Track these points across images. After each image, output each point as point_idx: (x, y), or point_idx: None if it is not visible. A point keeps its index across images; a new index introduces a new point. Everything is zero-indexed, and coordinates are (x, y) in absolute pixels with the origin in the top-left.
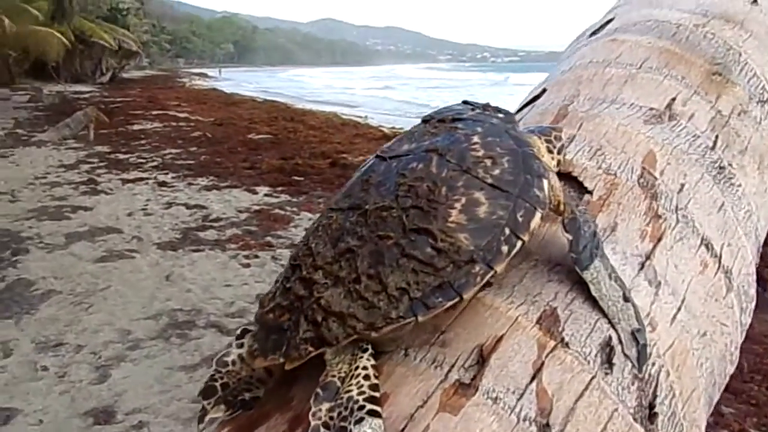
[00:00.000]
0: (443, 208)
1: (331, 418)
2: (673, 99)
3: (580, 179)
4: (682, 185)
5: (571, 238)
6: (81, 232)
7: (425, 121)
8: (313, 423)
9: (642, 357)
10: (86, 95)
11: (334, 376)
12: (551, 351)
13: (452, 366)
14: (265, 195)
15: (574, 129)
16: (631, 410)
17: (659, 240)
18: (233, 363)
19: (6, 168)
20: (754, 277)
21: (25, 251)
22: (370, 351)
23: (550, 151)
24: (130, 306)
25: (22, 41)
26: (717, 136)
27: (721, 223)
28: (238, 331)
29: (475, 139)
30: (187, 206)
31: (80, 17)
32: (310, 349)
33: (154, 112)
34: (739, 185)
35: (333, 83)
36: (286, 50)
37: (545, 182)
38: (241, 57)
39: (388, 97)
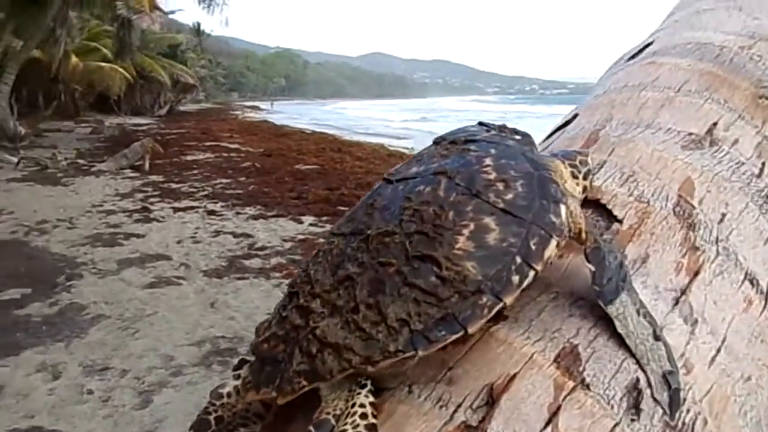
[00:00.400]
0: (450, 234)
1: None
2: (715, 123)
3: (609, 207)
4: (723, 215)
5: (593, 269)
6: (132, 259)
7: (436, 142)
8: None
9: (675, 402)
10: (144, 127)
11: (329, 413)
12: (570, 393)
13: (459, 406)
14: (310, 224)
15: (605, 154)
16: None
17: (696, 274)
18: (228, 395)
19: (66, 196)
20: None
21: (79, 276)
22: (369, 387)
23: (574, 177)
24: (174, 332)
25: (87, 77)
26: (764, 163)
27: None
28: (236, 362)
29: (488, 161)
30: (234, 234)
31: (142, 54)
32: (304, 383)
33: (207, 143)
34: None
35: (372, 114)
36: (336, 84)
37: (563, 208)
38: (293, 90)
39: (431, 131)
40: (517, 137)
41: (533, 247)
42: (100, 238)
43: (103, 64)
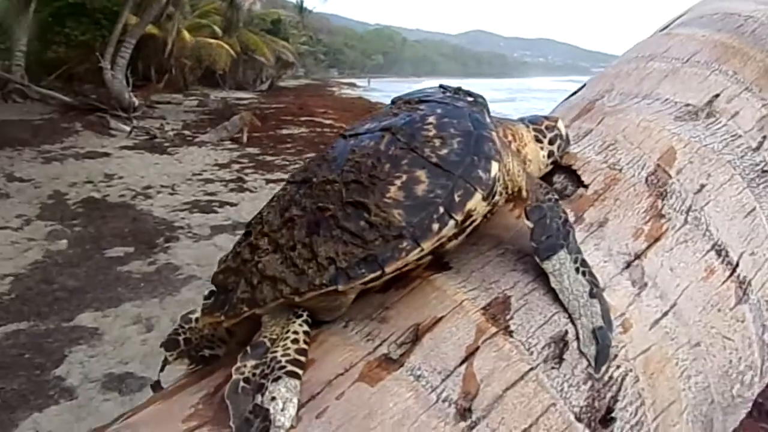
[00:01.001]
0: (383, 183)
1: (254, 374)
2: (717, 95)
3: (579, 173)
4: (702, 186)
5: (531, 226)
6: (225, 225)
7: (393, 102)
8: (234, 377)
9: (601, 357)
10: (245, 101)
11: (265, 336)
12: (490, 337)
13: (384, 341)
14: None
15: (594, 123)
16: (576, 409)
17: (657, 240)
18: (196, 320)
19: (171, 164)
20: None
21: (176, 239)
22: (304, 318)
23: (538, 141)
24: None
25: (196, 52)
26: (765, 137)
27: (747, 230)
28: (206, 292)
29: (431, 119)
30: None
31: (247, 30)
32: (245, 308)
33: (302, 118)
34: None
35: None
36: (433, 61)
37: (494, 164)
38: (390, 67)
39: (518, 110)
40: (470, 99)
41: (456, 199)
42: (197, 205)
43: (211, 40)
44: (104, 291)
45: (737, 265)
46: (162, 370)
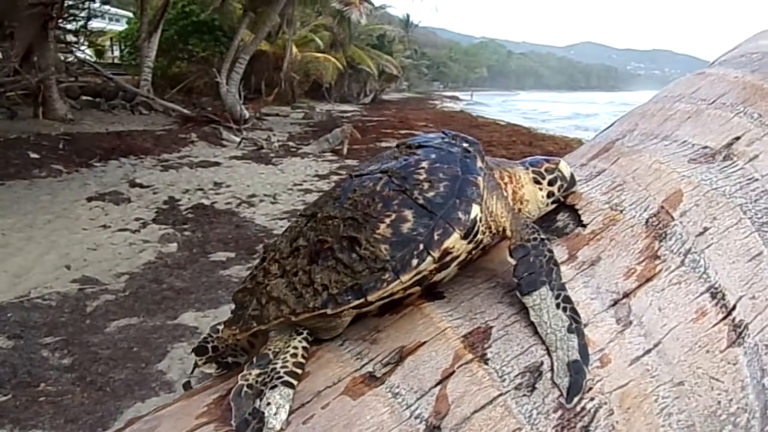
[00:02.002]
0: (374, 221)
1: (257, 381)
2: (737, 138)
3: (581, 212)
4: (706, 228)
5: (514, 263)
6: None
7: (397, 146)
8: (240, 382)
9: (574, 388)
10: (348, 114)
11: (270, 349)
12: (465, 363)
13: (371, 360)
14: None
15: (608, 163)
16: None
17: (648, 280)
18: (222, 331)
19: (274, 174)
20: None
21: None
22: (304, 335)
23: (537, 182)
24: None
25: (304, 66)
26: None
27: (749, 274)
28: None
29: (424, 164)
30: None
31: (352, 45)
32: (254, 324)
33: (402, 131)
34: None
35: (564, 108)
36: (538, 74)
37: (474, 207)
38: (494, 81)
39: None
40: (465, 145)
41: (435, 238)
42: (295, 215)
43: (318, 54)
44: (206, 292)
45: (734, 308)
46: (192, 372)
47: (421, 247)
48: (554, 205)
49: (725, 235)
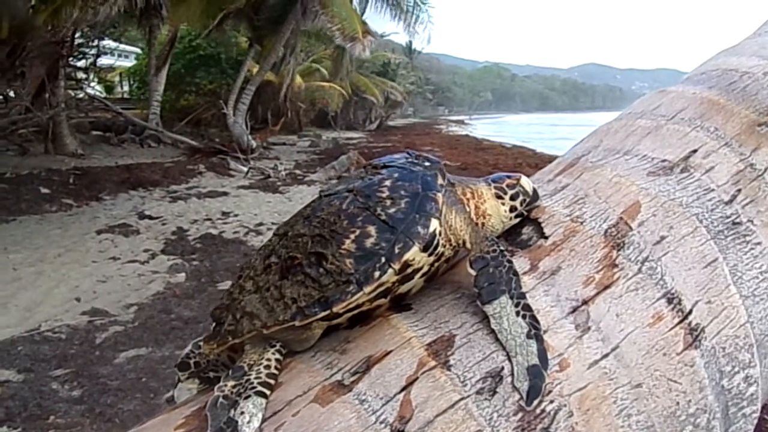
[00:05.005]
0: (340, 237)
1: (232, 392)
2: (694, 151)
3: (543, 225)
4: (663, 237)
5: (474, 274)
6: None
7: (364, 167)
8: (215, 393)
9: (533, 392)
10: (355, 140)
11: (245, 362)
12: (429, 370)
13: (340, 369)
14: None
15: (572, 178)
16: None
17: (606, 288)
18: (202, 346)
19: (281, 202)
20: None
21: None
22: (277, 348)
23: (499, 197)
24: None
25: (310, 95)
26: (739, 190)
27: (705, 280)
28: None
29: (387, 182)
30: None
31: (357, 73)
32: (229, 338)
33: None
34: (758, 243)
35: (571, 130)
36: (542, 96)
37: (433, 221)
38: (498, 104)
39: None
40: (427, 164)
41: (396, 251)
42: None
43: (324, 83)
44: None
45: (690, 312)
46: (175, 386)
47: (383, 260)
48: (518, 219)
49: (681, 243)
